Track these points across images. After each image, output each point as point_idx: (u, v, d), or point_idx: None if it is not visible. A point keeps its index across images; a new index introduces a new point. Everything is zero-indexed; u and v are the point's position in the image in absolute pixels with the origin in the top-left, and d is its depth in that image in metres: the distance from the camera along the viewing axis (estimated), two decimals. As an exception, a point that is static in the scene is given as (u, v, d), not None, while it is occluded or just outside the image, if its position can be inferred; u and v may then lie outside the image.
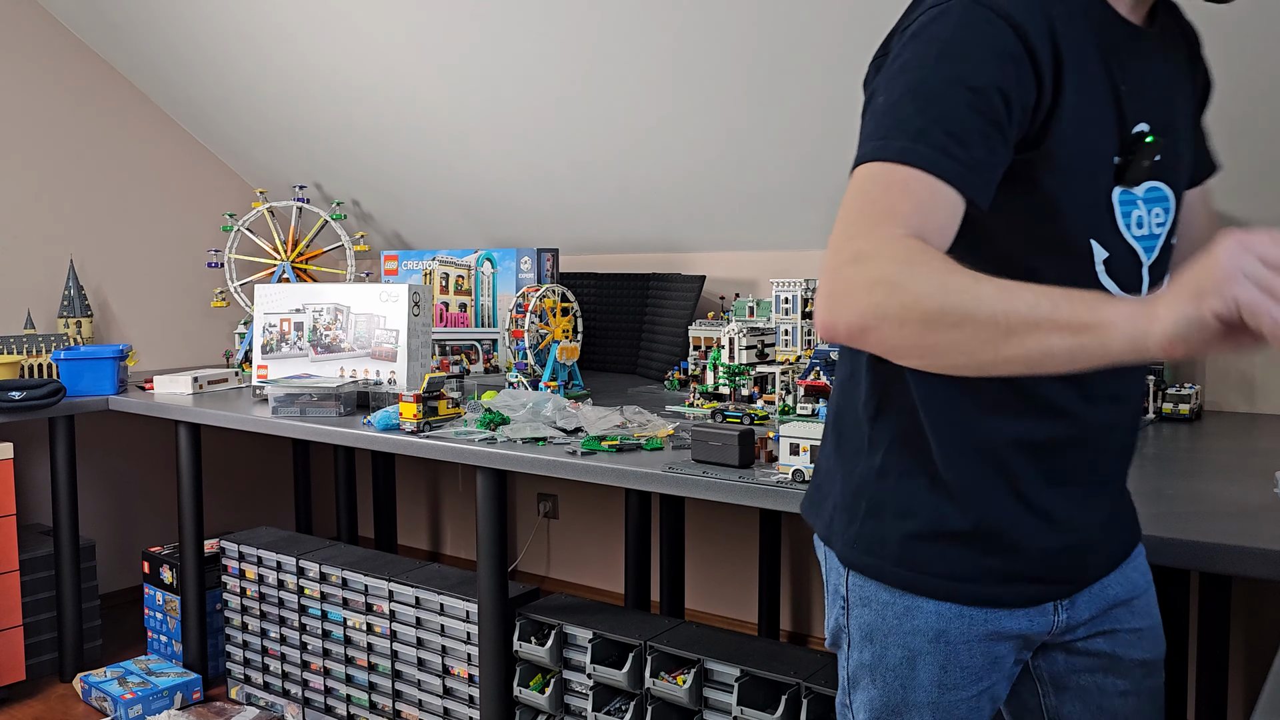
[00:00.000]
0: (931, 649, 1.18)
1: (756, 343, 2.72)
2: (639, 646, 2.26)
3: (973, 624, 1.17)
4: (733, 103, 2.82)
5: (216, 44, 3.58)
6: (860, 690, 1.25)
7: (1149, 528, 1.46)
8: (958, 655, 1.18)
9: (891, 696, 1.21)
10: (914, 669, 1.19)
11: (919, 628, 1.18)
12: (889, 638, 1.20)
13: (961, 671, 1.18)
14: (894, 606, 1.19)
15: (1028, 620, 1.19)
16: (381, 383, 2.75)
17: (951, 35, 1.02)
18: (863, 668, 1.24)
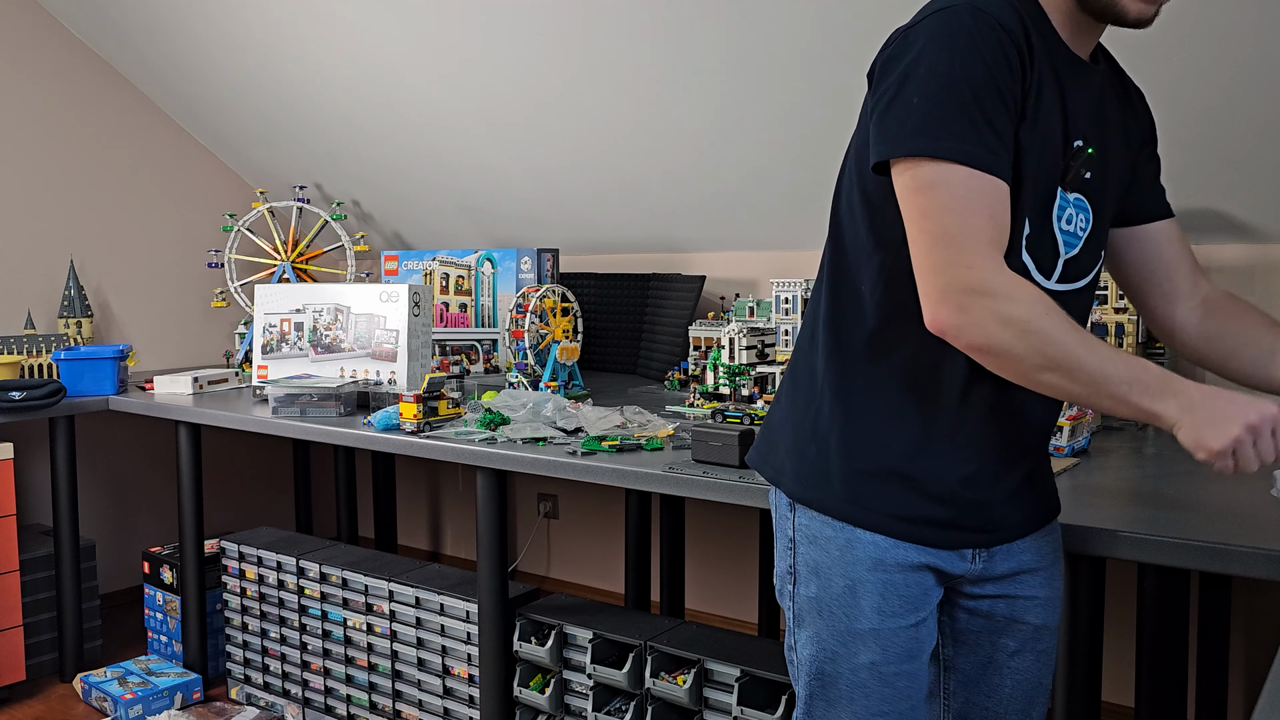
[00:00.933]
0: (871, 577, 1.31)
1: (757, 343, 2.72)
2: (639, 646, 2.27)
3: (907, 555, 1.31)
4: (733, 103, 2.82)
5: (217, 44, 3.58)
6: (806, 626, 1.36)
7: (1149, 528, 1.46)
8: (895, 583, 1.31)
9: (837, 625, 1.33)
10: (856, 597, 1.31)
11: (859, 558, 1.31)
12: (833, 569, 1.33)
13: (899, 599, 1.31)
14: (836, 540, 1.32)
15: (949, 561, 1.33)
16: (382, 383, 2.75)
17: (971, 38, 1.17)
18: (809, 602, 1.36)
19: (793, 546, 1.38)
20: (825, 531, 1.33)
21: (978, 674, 1.44)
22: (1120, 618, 2.59)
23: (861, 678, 1.32)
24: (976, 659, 1.43)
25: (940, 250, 1.15)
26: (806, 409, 1.37)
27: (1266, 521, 1.47)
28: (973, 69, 1.16)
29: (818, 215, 3.06)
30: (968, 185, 1.16)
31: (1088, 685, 1.56)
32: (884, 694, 1.32)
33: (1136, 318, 2.45)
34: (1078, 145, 1.28)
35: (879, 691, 1.32)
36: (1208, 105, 2.23)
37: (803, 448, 1.37)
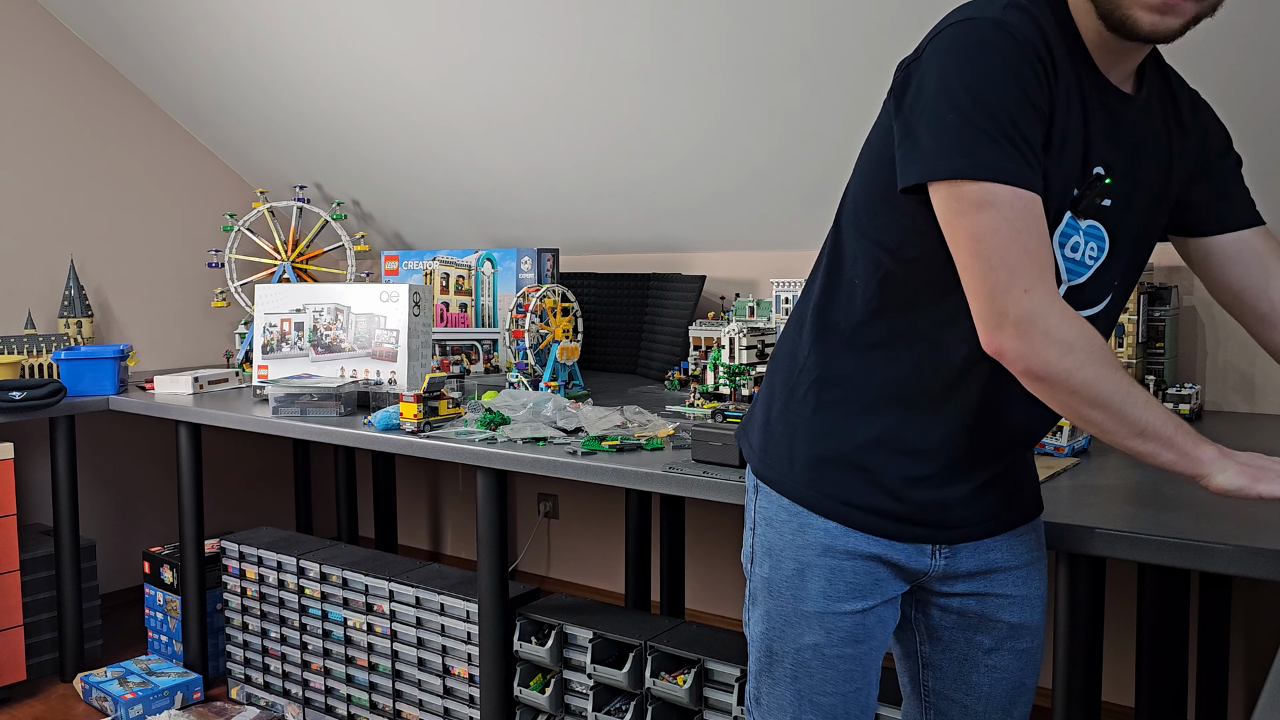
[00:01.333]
0: (820, 562, 1.35)
1: (757, 343, 2.72)
2: (639, 646, 2.27)
3: (857, 544, 1.34)
4: (733, 102, 2.82)
5: (217, 44, 3.58)
6: (758, 604, 1.43)
7: (1149, 528, 1.46)
8: (843, 570, 1.35)
9: (784, 606, 1.39)
10: (804, 580, 1.36)
11: (810, 542, 1.36)
12: (784, 552, 1.38)
13: (846, 586, 1.35)
14: (790, 524, 1.38)
15: (906, 555, 1.36)
16: (382, 383, 2.75)
17: (1000, 53, 1.16)
18: (762, 581, 1.42)
19: (753, 528, 1.44)
20: (781, 515, 1.38)
21: (955, 671, 1.46)
22: (1120, 617, 2.59)
23: (805, 658, 1.38)
24: (953, 656, 1.46)
25: (996, 275, 1.15)
26: (782, 390, 1.41)
27: (1266, 521, 1.47)
28: (1004, 84, 1.15)
29: (817, 215, 3.06)
30: (1013, 206, 1.15)
31: (1087, 685, 1.56)
32: (826, 675, 1.37)
33: (1136, 318, 2.45)
34: (1097, 173, 1.26)
35: (821, 672, 1.37)
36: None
37: (772, 427, 1.42)
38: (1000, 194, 1.14)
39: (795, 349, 1.41)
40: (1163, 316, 2.49)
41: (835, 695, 1.38)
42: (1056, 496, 1.67)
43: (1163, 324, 2.49)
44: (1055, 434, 1.95)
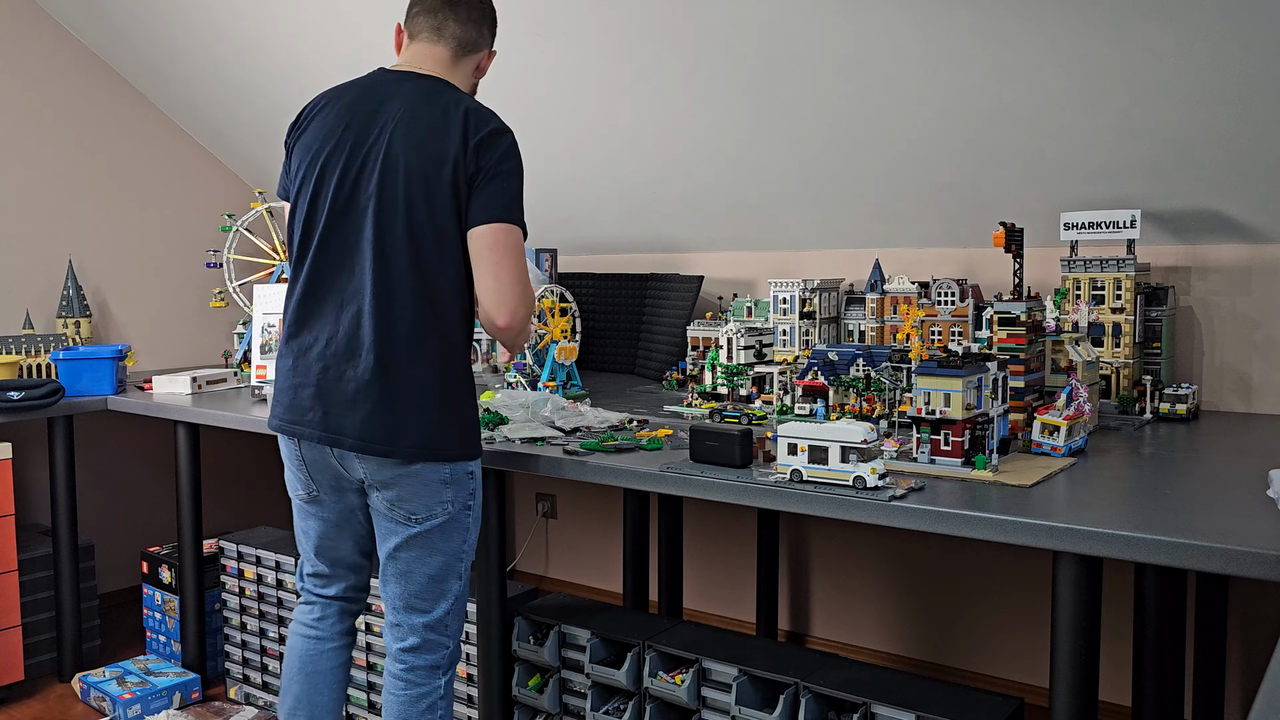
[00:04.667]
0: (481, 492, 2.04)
1: (754, 343, 2.72)
2: (637, 646, 2.27)
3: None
4: (731, 104, 2.82)
5: (216, 44, 3.58)
6: (473, 530, 2.01)
7: (1146, 528, 1.46)
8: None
9: (479, 526, 2.05)
10: (482, 510, 2.10)
11: (479, 482, 2.02)
12: (479, 492, 2.01)
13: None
14: (476, 475, 2.00)
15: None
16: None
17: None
18: (478, 515, 2.02)
19: (451, 483, 1.97)
20: (471, 467, 2.00)
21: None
22: (1118, 617, 2.60)
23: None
24: (379, 532, 2.02)
25: (518, 278, 1.89)
26: (459, 386, 2.00)
27: (1263, 522, 1.48)
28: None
29: (816, 216, 3.07)
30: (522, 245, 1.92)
31: (1085, 685, 1.57)
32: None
33: (1133, 318, 2.46)
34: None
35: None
36: (1205, 106, 2.24)
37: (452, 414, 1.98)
38: (520, 237, 1.94)
39: (452, 363, 1.96)
40: (1159, 317, 2.50)
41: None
42: (1054, 496, 1.67)
43: (1159, 324, 2.50)
44: (1052, 434, 1.96)
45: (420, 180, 1.85)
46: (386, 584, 2.01)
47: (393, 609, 2.01)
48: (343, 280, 1.91)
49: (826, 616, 3.29)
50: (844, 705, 2.01)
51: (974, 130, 2.56)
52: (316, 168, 1.92)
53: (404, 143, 1.87)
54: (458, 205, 1.86)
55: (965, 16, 2.29)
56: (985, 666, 3.00)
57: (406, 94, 1.92)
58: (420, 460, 1.89)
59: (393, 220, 1.86)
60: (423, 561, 1.97)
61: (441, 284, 1.89)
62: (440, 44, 2.01)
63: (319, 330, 1.92)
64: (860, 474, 1.72)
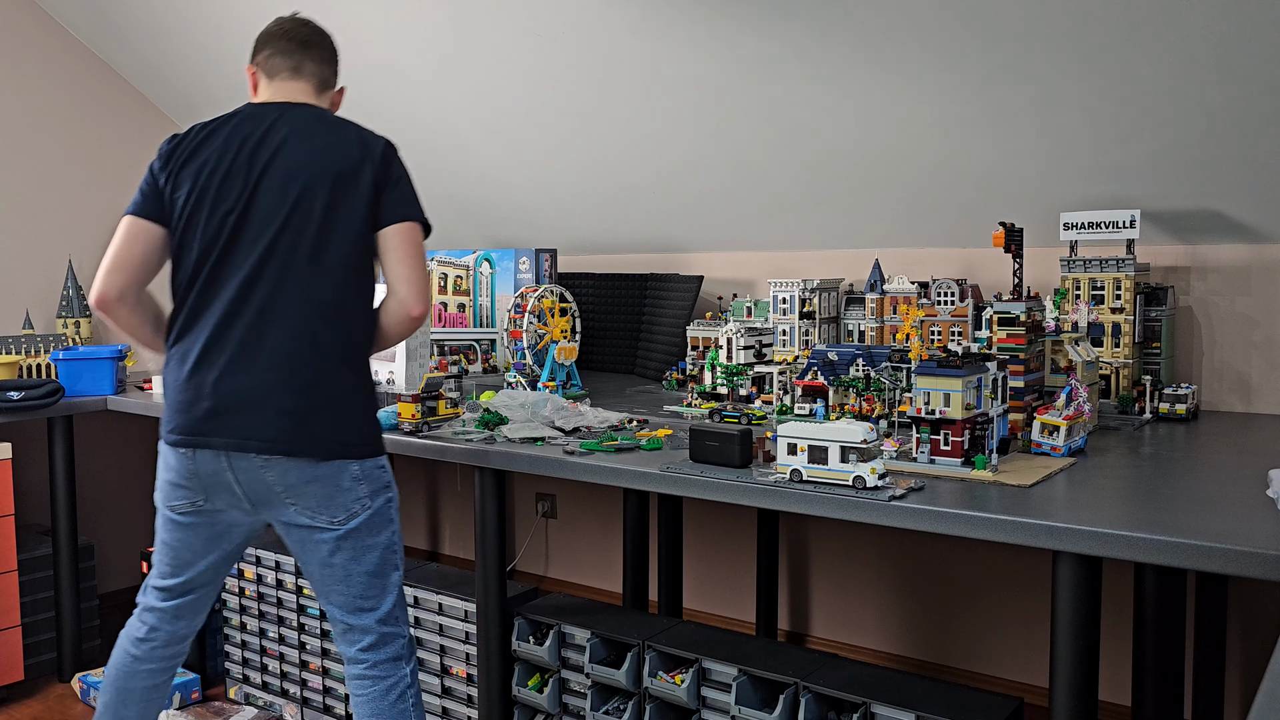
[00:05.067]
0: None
1: (754, 343, 2.72)
2: (637, 646, 2.27)
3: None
4: (730, 104, 2.82)
5: (215, 44, 3.58)
6: (396, 519, 2.07)
7: (1146, 528, 1.46)
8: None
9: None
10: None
11: (390, 474, 2.08)
12: (393, 483, 2.07)
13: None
14: (388, 470, 2.06)
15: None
16: (380, 383, 2.75)
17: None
18: (397, 507, 2.08)
19: (365, 480, 2.02)
20: (383, 461, 2.07)
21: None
22: (1117, 617, 2.60)
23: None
24: (294, 547, 2.07)
25: (421, 272, 1.99)
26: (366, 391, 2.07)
27: (1263, 521, 1.48)
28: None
29: (815, 216, 3.07)
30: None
31: (1085, 685, 1.57)
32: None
33: (1133, 318, 2.46)
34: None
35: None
36: (1205, 106, 2.24)
37: (369, 416, 2.07)
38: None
39: (354, 365, 2.03)
40: (1159, 316, 2.50)
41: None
42: (1053, 496, 1.67)
43: (1159, 324, 2.50)
44: (1052, 434, 1.96)
45: (325, 189, 1.93)
46: (329, 595, 2.03)
47: (342, 615, 2.04)
48: (240, 287, 1.93)
49: (826, 616, 3.30)
50: (844, 705, 2.02)
51: (974, 130, 2.56)
52: (214, 185, 1.95)
53: (304, 155, 1.95)
54: (365, 210, 1.95)
55: (965, 16, 2.29)
56: (985, 666, 3.00)
57: (291, 117, 2.01)
58: (331, 458, 1.93)
59: (297, 228, 1.92)
60: (358, 561, 2.00)
61: (345, 288, 1.95)
62: (301, 80, 2.12)
63: (213, 339, 1.93)
64: (860, 474, 1.72)
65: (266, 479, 1.93)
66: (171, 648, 2.17)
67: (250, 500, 1.97)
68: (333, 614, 2.06)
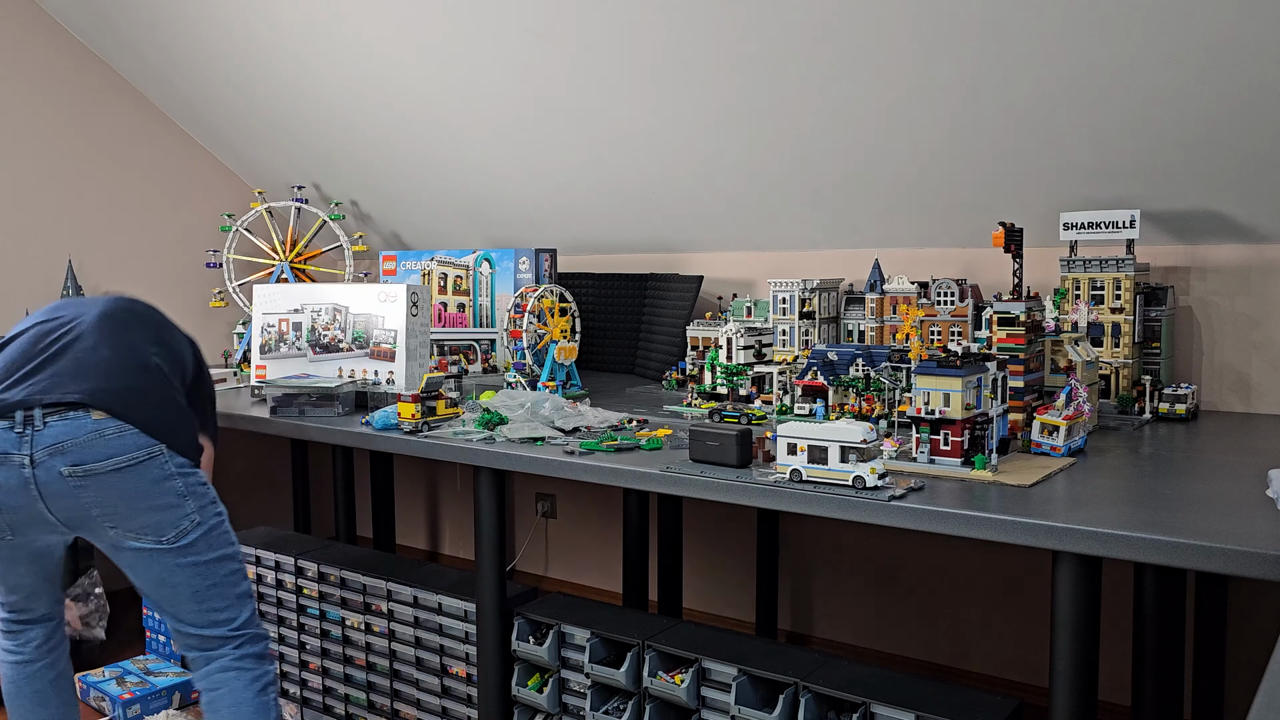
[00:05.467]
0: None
1: (754, 343, 2.72)
2: (637, 646, 2.27)
3: None
4: (730, 103, 2.82)
5: (215, 44, 3.58)
6: (227, 521, 2.12)
7: (1145, 528, 1.46)
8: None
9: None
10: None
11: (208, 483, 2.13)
12: (211, 487, 2.12)
13: None
14: (204, 478, 2.10)
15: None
16: (380, 383, 2.75)
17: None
18: (223, 516, 2.12)
19: (191, 489, 2.05)
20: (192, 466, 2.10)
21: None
22: (1117, 617, 2.60)
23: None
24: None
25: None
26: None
27: (1262, 521, 1.48)
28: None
29: (815, 216, 3.07)
30: None
31: (1084, 685, 1.57)
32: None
33: (1133, 318, 2.46)
34: None
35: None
36: (1205, 106, 2.24)
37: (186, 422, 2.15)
38: None
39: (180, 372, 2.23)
40: (1159, 316, 2.50)
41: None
42: (1053, 496, 1.67)
43: (1159, 324, 2.50)
44: (1052, 434, 1.96)
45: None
46: (180, 612, 2.05)
47: (198, 628, 2.06)
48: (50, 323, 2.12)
49: (826, 616, 3.29)
50: (843, 705, 2.02)
51: (974, 130, 2.56)
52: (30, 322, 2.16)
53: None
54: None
55: (965, 16, 2.29)
56: (984, 666, 3.00)
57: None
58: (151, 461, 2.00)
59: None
60: (204, 575, 2.03)
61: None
62: None
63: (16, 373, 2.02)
64: (860, 474, 1.72)
65: (89, 505, 1.99)
66: (52, 640, 2.25)
67: (56, 529, 2.04)
68: (188, 629, 2.08)
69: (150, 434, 1.98)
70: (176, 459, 2.04)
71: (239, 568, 2.11)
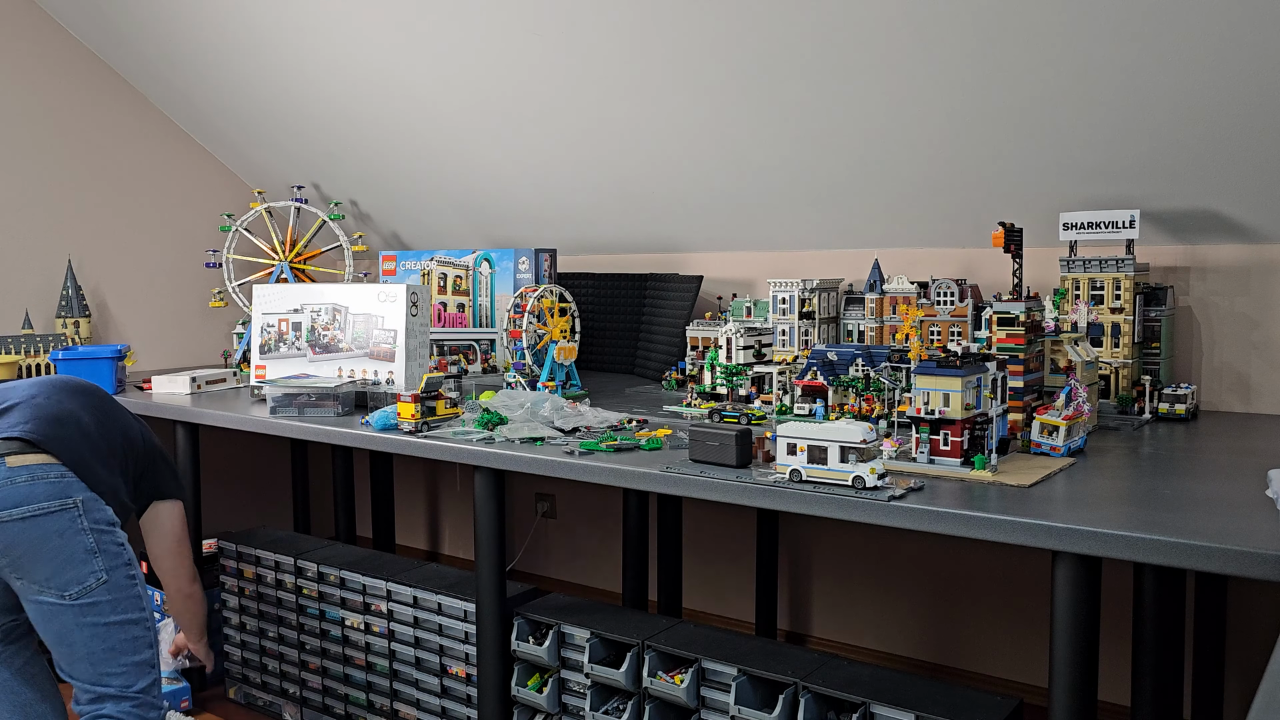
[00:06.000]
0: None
1: (754, 343, 2.72)
2: (637, 646, 2.27)
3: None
4: (730, 103, 2.83)
5: (215, 44, 3.58)
6: (149, 597, 2.11)
7: (1145, 528, 1.46)
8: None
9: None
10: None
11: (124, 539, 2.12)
12: (128, 547, 2.11)
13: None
14: (122, 535, 2.10)
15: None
16: (379, 383, 2.75)
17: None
18: (145, 582, 2.12)
19: (96, 529, 2.03)
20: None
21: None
22: (1116, 617, 2.60)
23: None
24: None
25: None
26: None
27: (1262, 522, 1.48)
28: None
29: (815, 216, 3.07)
30: None
31: (1084, 685, 1.57)
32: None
33: (1132, 318, 2.46)
34: None
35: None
36: (1205, 106, 2.24)
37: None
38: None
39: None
40: (1159, 316, 2.50)
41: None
42: (1053, 496, 1.68)
43: (1159, 324, 2.50)
44: (1051, 434, 1.96)
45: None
46: (75, 671, 2.00)
47: (89, 685, 2.00)
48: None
49: (826, 616, 3.30)
50: (843, 705, 2.02)
51: (973, 130, 2.56)
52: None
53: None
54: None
55: (965, 16, 2.29)
56: (984, 666, 3.00)
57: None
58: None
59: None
60: (102, 638, 1.97)
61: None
62: None
63: None
64: (859, 474, 1.72)
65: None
66: (13, 641, 2.22)
67: None
68: (82, 683, 2.02)
69: (68, 480, 1.97)
70: (93, 514, 2.01)
71: (143, 635, 2.05)
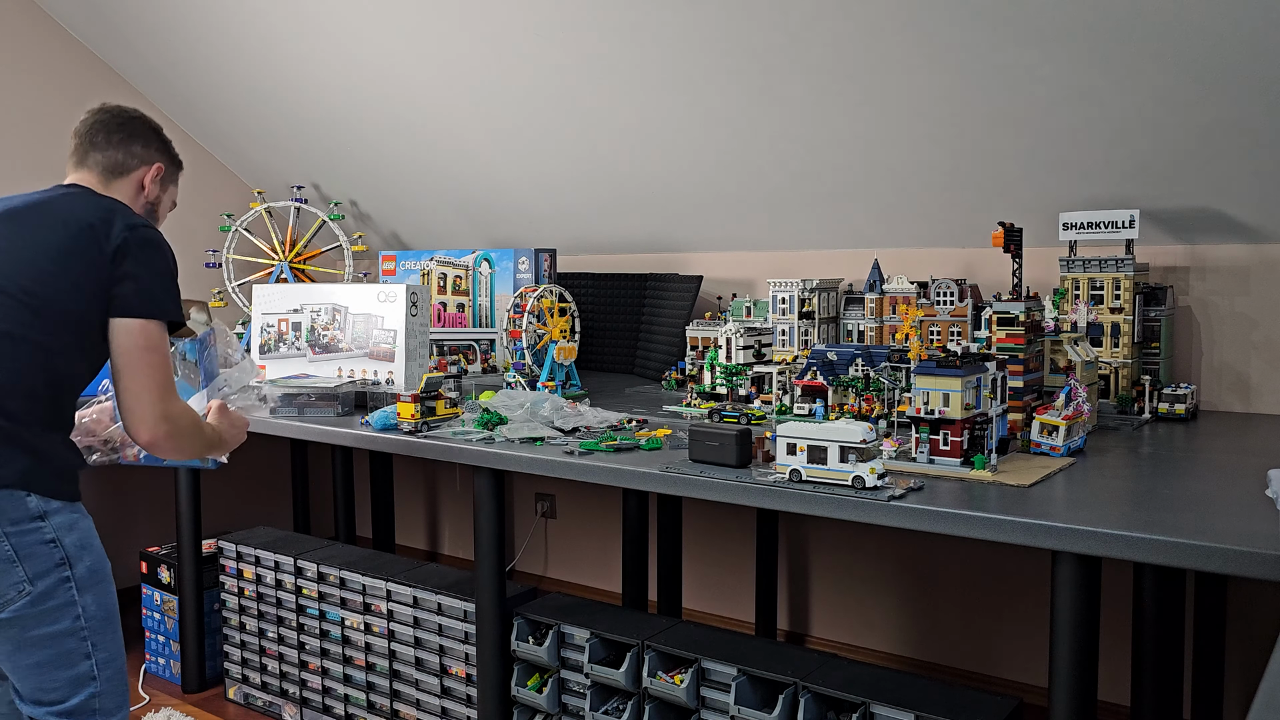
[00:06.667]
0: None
1: (753, 343, 2.72)
2: (637, 646, 2.27)
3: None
4: (730, 103, 2.83)
5: (215, 45, 3.58)
6: (93, 592, 1.90)
7: (1145, 528, 1.46)
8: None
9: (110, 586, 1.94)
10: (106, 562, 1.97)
11: (78, 542, 1.93)
12: (94, 544, 1.99)
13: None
14: (85, 520, 2.02)
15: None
16: (379, 383, 2.75)
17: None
18: (92, 573, 1.92)
19: (56, 539, 1.91)
20: (74, 515, 1.98)
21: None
22: (1116, 617, 2.60)
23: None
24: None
25: (152, 388, 1.97)
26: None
27: (1262, 521, 1.48)
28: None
29: (815, 216, 3.07)
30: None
31: (1084, 685, 1.57)
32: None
33: (1132, 318, 2.46)
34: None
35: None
36: (1205, 106, 2.24)
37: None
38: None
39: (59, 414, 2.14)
40: (1158, 316, 2.50)
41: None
42: (1052, 496, 1.68)
43: (1158, 324, 2.50)
44: (1051, 434, 1.96)
45: (48, 262, 1.84)
46: (16, 684, 1.82)
47: (27, 704, 1.83)
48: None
49: (826, 616, 3.30)
50: (843, 705, 2.02)
51: (973, 130, 2.56)
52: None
53: (36, 227, 1.86)
54: (92, 294, 1.88)
55: (965, 16, 2.29)
56: (984, 666, 3.00)
57: (50, 193, 1.94)
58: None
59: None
60: (26, 654, 1.77)
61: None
62: (84, 170, 2.01)
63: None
64: (859, 474, 1.72)
65: None
66: None
67: None
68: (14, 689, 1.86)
69: None
70: (7, 514, 1.79)
71: (78, 646, 1.81)
